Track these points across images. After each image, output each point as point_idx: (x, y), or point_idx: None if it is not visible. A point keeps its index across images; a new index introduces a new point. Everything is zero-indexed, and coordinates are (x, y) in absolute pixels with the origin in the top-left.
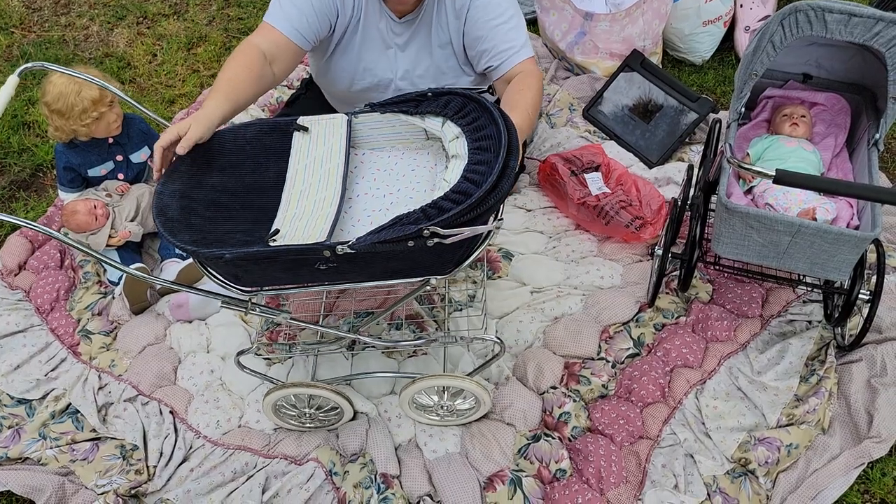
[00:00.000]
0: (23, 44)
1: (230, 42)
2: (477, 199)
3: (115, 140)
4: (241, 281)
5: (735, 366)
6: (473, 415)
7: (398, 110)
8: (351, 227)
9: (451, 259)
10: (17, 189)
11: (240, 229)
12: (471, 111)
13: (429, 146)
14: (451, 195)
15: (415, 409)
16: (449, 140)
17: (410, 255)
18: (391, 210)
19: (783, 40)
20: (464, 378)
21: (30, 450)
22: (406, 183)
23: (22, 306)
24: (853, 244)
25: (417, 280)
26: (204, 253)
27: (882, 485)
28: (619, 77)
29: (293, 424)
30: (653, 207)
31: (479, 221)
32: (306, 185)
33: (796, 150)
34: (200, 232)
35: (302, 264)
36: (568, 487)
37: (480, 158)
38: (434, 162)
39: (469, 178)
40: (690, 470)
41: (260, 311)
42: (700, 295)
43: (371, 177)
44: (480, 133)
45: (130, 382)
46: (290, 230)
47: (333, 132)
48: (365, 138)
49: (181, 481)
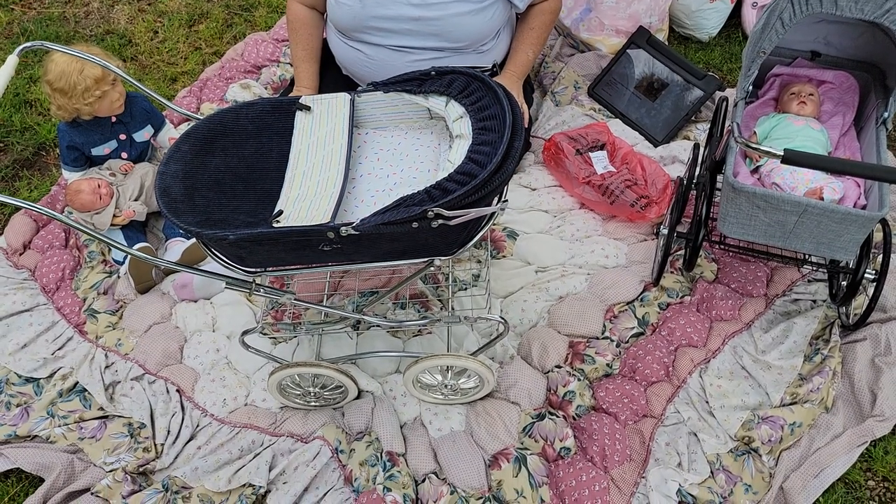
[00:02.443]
0: (23, 21)
1: (232, 19)
2: (482, 181)
3: (119, 119)
4: (245, 262)
5: (739, 345)
6: (477, 394)
7: (401, 89)
8: (355, 207)
9: (456, 240)
10: (21, 168)
11: (243, 210)
12: (475, 90)
13: (432, 125)
14: (456, 176)
15: (419, 388)
16: (453, 120)
17: (415, 237)
18: (395, 190)
19: (792, 17)
20: (468, 357)
21: (38, 428)
22: (410, 163)
23: (27, 285)
24: (860, 224)
25: (422, 261)
26: (208, 234)
27: (885, 463)
28: (625, 54)
29: (298, 403)
30: (658, 186)
31: (484, 203)
32: (309, 165)
33: (804, 129)
34: (204, 213)
35: (306, 245)
36: (572, 465)
37: (485, 139)
38: (438, 141)
39: (473, 158)
40: (694, 448)
41: (264, 292)
42: (705, 274)
43: (374, 157)
44: (485, 113)
45: (137, 361)
46: (294, 211)
47: (336, 112)
48: (368, 118)
49: (188, 459)
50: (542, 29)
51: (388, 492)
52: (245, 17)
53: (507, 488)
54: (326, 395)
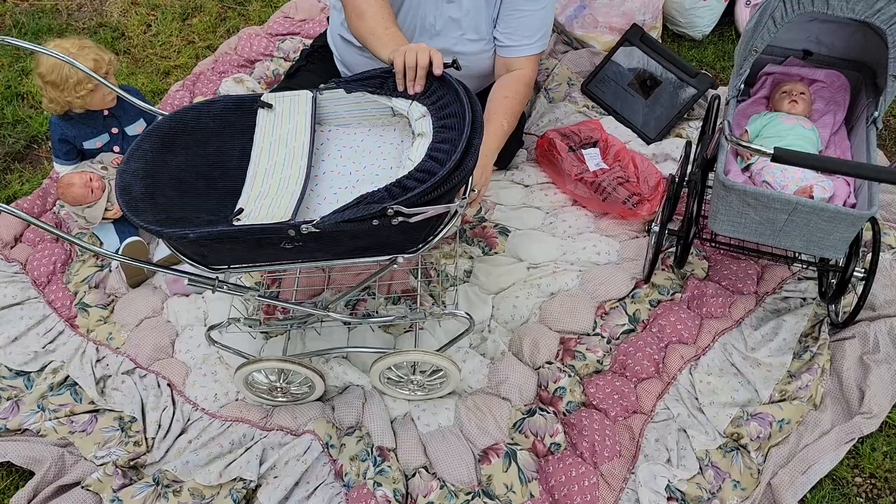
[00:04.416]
0: (15, 13)
1: (225, 13)
2: (441, 178)
3: (111, 112)
4: (208, 260)
5: (729, 342)
6: (440, 390)
7: (364, 88)
8: (317, 205)
9: (418, 237)
10: (12, 161)
11: (205, 208)
12: (435, 90)
13: (395, 122)
14: (416, 174)
15: (385, 384)
16: (415, 118)
17: (376, 234)
18: (357, 188)
19: (784, 16)
20: (434, 354)
21: (29, 421)
22: (372, 160)
23: (18, 279)
24: (849, 222)
25: (385, 258)
26: (168, 233)
27: (872, 460)
28: (619, 51)
29: (265, 398)
30: (650, 184)
31: (444, 200)
32: (271, 162)
33: (795, 128)
34: (165, 211)
35: (267, 243)
36: (562, 461)
37: (445, 136)
38: (401, 139)
39: (433, 156)
40: (683, 444)
41: (227, 289)
42: (696, 271)
43: (337, 154)
44: (445, 111)
45: (128, 355)
46: (255, 209)
47: (298, 109)
48: (330, 114)
49: (179, 453)
50: (516, 99)
51: (379, 486)
52: (239, 11)
53: (496, 483)
54: (293, 391)
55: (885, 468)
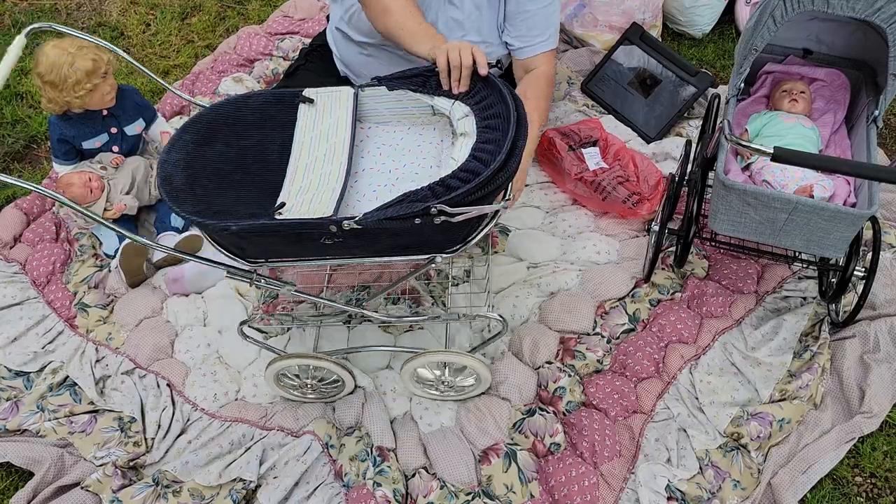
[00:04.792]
0: (14, 12)
1: (225, 12)
2: (485, 178)
3: (110, 112)
4: (246, 252)
5: (729, 341)
6: (473, 391)
7: (406, 86)
8: (356, 202)
9: (457, 237)
10: (11, 161)
11: (245, 201)
12: (479, 90)
13: (435, 122)
14: (460, 173)
15: (415, 383)
16: (458, 118)
17: (417, 233)
18: (397, 186)
19: (784, 15)
20: (465, 354)
21: (28, 422)
22: (412, 158)
23: (18, 279)
24: (850, 222)
25: (423, 257)
26: (210, 224)
27: (872, 459)
28: (619, 50)
29: (294, 395)
30: (650, 183)
31: (487, 201)
32: (312, 158)
33: (795, 127)
34: (205, 202)
35: (307, 238)
36: (562, 461)
37: (489, 137)
38: (440, 138)
39: (477, 156)
40: (683, 444)
41: (265, 283)
42: (696, 271)
43: (377, 151)
44: (489, 112)
45: (128, 355)
46: (296, 203)
47: (340, 105)
48: (370, 112)
49: (179, 453)
50: (542, 97)
51: (378, 487)
52: (238, 10)
53: (496, 483)
54: (323, 389)
55: (886, 468)
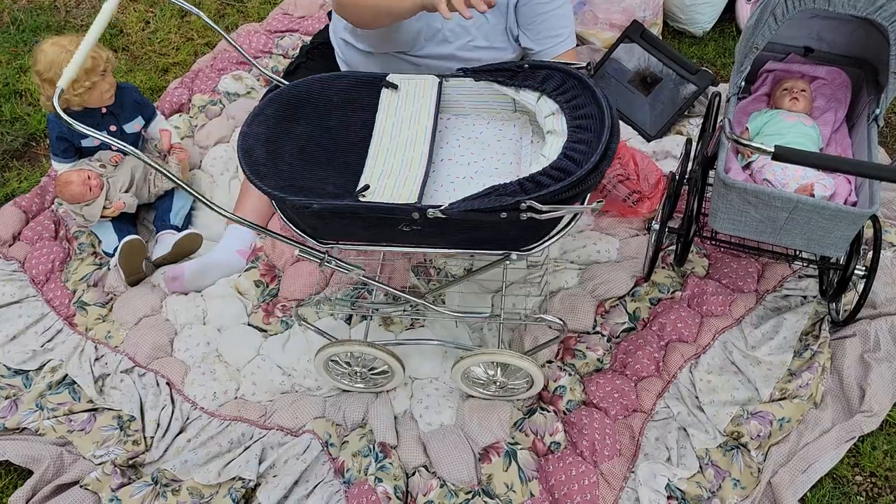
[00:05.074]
0: (13, 9)
1: (224, 9)
2: (578, 178)
3: (109, 110)
4: (318, 233)
5: (729, 340)
6: (524, 394)
7: (492, 79)
8: (434, 191)
9: (535, 237)
10: (11, 159)
11: (326, 180)
12: (570, 88)
13: (515, 118)
14: (551, 171)
15: (465, 381)
16: (544, 115)
17: (498, 228)
18: (475, 179)
19: (785, 13)
20: (521, 356)
21: (27, 420)
22: (491, 153)
23: (17, 277)
24: (850, 220)
25: (498, 253)
26: (292, 200)
27: (872, 458)
28: (619, 48)
29: (343, 383)
30: (650, 181)
31: (575, 201)
32: (393, 143)
33: (796, 125)
34: (288, 179)
35: (386, 223)
36: (562, 460)
37: (581, 137)
38: (520, 135)
39: (569, 156)
40: (683, 443)
41: (335, 265)
42: (696, 270)
43: (456, 143)
44: (580, 112)
45: (127, 354)
46: (380, 187)
47: (424, 93)
48: (451, 102)
49: (178, 452)
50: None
51: (380, 482)
52: (237, 7)
53: (496, 482)
54: (372, 377)
55: (886, 467)
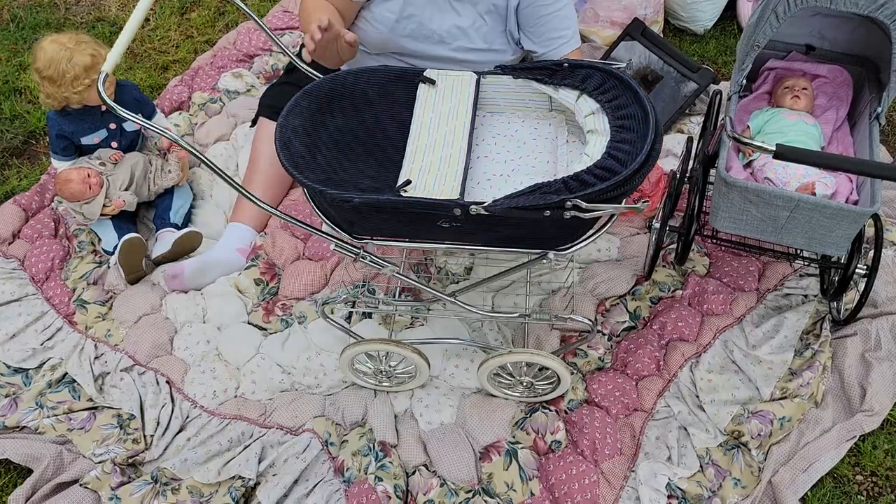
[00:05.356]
0: (13, 7)
1: (224, 7)
2: (623, 178)
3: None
4: (354, 227)
5: (730, 339)
6: (549, 394)
7: (531, 77)
8: (471, 188)
9: (573, 236)
10: (10, 156)
11: (365, 174)
12: (611, 88)
13: (550, 117)
14: (595, 170)
15: (491, 382)
16: (584, 115)
17: (538, 226)
18: (512, 177)
19: (787, 11)
20: (548, 356)
21: (27, 419)
22: (528, 151)
23: (16, 275)
24: (852, 219)
25: (535, 252)
26: (332, 194)
27: (873, 458)
28: (620, 46)
29: (367, 382)
30: (651, 180)
31: (618, 201)
32: (432, 139)
33: (797, 124)
34: (327, 171)
35: (425, 219)
36: (563, 459)
37: (624, 137)
38: (556, 134)
39: (613, 155)
40: (684, 442)
41: (370, 261)
42: (697, 268)
43: (492, 140)
44: (622, 112)
45: (126, 352)
46: (420, 183)
47: (461, 89)
48: (487, 100)
49: (178, 450)
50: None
51: (380, 481)
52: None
53: (497, 481)
54: (398, 374)
55: (887, 466)
